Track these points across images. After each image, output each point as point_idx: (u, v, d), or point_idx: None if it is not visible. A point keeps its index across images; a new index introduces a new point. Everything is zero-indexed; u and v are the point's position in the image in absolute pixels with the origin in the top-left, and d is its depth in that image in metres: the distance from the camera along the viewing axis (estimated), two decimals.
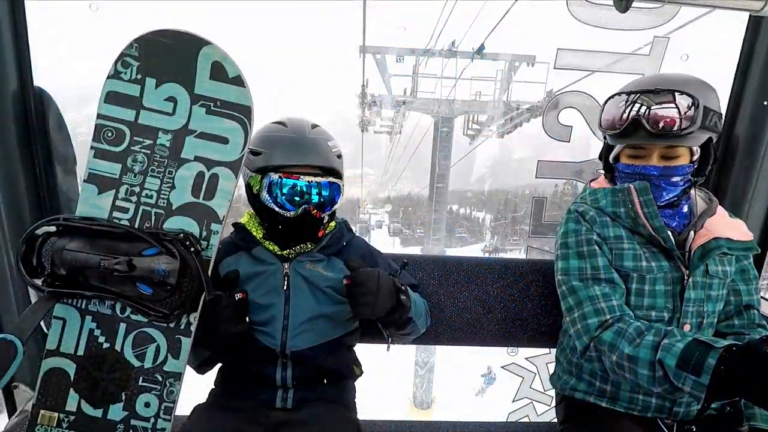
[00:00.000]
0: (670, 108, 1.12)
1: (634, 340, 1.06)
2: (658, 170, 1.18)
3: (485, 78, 11.43)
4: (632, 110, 1.16)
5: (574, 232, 1.26)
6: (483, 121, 12.53)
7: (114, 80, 1.02)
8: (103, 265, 0.93)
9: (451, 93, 11.97)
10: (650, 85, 1.16)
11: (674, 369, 0.95)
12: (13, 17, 1.41)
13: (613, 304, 1.16)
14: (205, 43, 1.00)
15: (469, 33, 11.49)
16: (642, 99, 1.15)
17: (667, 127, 1.12)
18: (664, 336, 1.03)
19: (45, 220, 0.94)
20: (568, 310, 1.23)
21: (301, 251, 1.23)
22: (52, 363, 1.01)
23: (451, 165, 12.82)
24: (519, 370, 1.88)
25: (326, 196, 1.20)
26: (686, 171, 1.18)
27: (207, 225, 1.03)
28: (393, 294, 1.11)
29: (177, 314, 0.99)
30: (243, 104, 1.02)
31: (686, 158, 1.17)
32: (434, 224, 13.61)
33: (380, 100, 12.17)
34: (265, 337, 1.18)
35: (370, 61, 11.04)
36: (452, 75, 11.65)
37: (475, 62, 11.08)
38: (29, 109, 1.51)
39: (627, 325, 1.10)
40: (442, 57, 11.42)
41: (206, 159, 1.03)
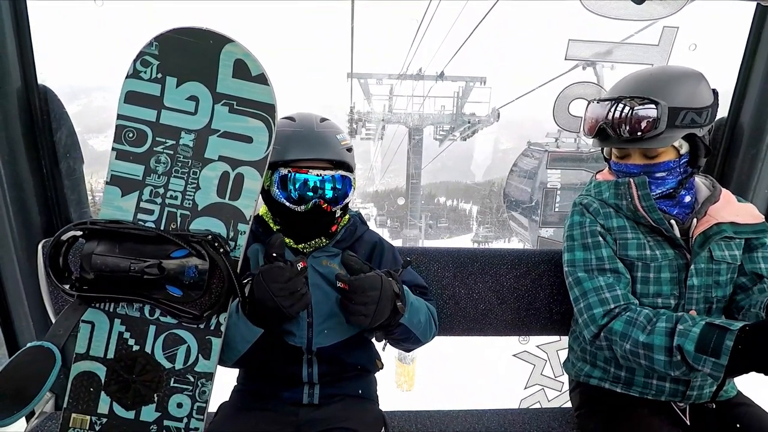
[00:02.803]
0: (634, 115, 1.14)
1: (646, 327, 1.10)
2: (639, 168, 1.22)
3: (446, 96, 15.24)
4: (599, 118, 1.21)
5: (579, 224, 1.31)
6: (447, 129, 15.87)
7: (133, 80, 0.99)
8: (133, 268, 0.92)
9: (420, 108, 15.46)
10: (616, 92, 1.21)
11: (694, 353, 1.00)
12: (15, 15, 1.37)
13: (618, 293, 1.19)
14: (227, 40, 0.98)
15: (433, 62, 15.04)
16: (614, 106, 1.18)
17: (632, 133, 1.16)
18: (676, 322, 1.07)
19: (71, 225, 0.93)
20: (575, 301, 1.27)
21: (317, 246, 1.23)
22: (82, 366, 1.00)
23: (423, 166, 16.11)
24: (530, 357, 1.92)
25: (338, 189, 1.19)
26: (671, 166, 1.20)
27: (234, 225, 1.02)
28: (391, 303, 1.04)
29: (207, 315, 0.99)
30: (267, 102, 1.01)
31: (670, 154, 1.20)
32: (410, 213, 17.26)
33: (364, 117, 15.05)
34: (289, 337, 1.19)
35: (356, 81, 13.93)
36: (421, 94, 15.20)
37: (438, 83, 14.40)
38: (34, 108, 1.48)
39: (636, 314, 1.14)
40: (413, 80, 14.95)
41: (231, 158, 1.02)
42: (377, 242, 1.33)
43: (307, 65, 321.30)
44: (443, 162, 16.98)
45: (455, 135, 15.88)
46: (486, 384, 5.58)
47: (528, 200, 8.15)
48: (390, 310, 1.04)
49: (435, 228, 43.68)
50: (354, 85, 13.90)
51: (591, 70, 1.89)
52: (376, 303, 1.00)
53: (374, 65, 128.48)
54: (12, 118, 1.42)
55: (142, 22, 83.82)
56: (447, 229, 55.18)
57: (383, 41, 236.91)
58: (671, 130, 1.14)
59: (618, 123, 1.17)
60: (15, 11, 1.38)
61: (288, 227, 1.21)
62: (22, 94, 1.44)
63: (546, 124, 8.24)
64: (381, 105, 15.27)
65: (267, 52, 8.13)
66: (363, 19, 48.65)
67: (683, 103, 1.13)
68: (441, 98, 15.54)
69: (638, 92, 1.16)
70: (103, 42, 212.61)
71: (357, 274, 1.04)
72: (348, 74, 13.50)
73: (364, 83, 14.15)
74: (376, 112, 15.14)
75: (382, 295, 1.01)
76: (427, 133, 15.97)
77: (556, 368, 1.92)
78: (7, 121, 1.41)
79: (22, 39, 1.41)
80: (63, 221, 1.57)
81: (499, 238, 41.49)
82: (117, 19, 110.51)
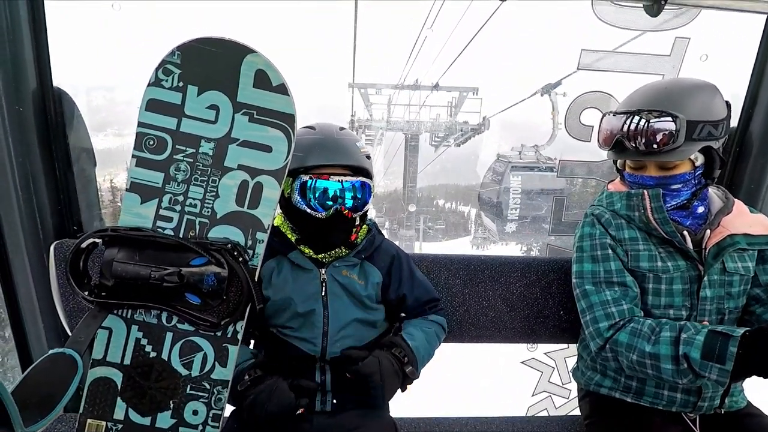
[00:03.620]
0: (651, 128, 1.15)
1: (650, 337, 1.12)
2: (655, 180, 1.22)
3: (441, 105, 16.72)
4: (616, 130, 1.21)
5: (589, 236, 1.31)
6: (442, 136, 16.97)
7: (155, 88, 1.00)
8: (153, 276, 0.92)
9: (417, 116, 16.88)
10: (636, 104, 1.20)
11: (700, 361, 1.03)
12: (32, 17, 1.37)
13: (623, 308, 1.20)
14: (249, 51, 0.99)
15: (429, 72, 15.86)
16: (630, 119, 1.18)
17: (650, 146, 1.16)
18: (680, 330, 1.09)
19: (92, 232, 0.94)
20: (582, 313, 1.28)
21: (337, 256, 1.24)
22: (99, 372, 1.01)
23: (419, 170, 17.79)
24: (538, 364, 1.93)
25: (358, 196, 1.20)
26: (686, 178, 1.20)
27: (252, 234, 1.03)
28: (399, 374, 1.14)
29: (225, 323, 0.99)
30: (287, 113, 1.02)
31: (686, 166, 1.20)
32: (406, 221, 18.86)
33: (364, 124, 16.17)
34: (304, 344, 1.19)
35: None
36: (417, 103, 16.58)
37: (434, 93, 15.61)
38: (49, 109, 1.48)
39: (640, 325, 1.15)
40: (410, 90, 16.11)
41: (250, 167, 1.02)
42: (395, 255, 1.34)
43: (308, 65, 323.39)
44: (442, 164, 17.34)
45: (449, 141, 17.02)
46: (493, 390, 5.59)
47: (495, 202, 11.21)
48: (399, 381, 1.15)
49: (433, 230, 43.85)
50: (353, 93, 15.25)
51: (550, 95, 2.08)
52: (381, 384, 1.10)
53: (375, 64, 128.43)
54: (27, 120, 1.42)
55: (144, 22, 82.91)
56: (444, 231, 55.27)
57: (384, 41, 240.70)
58: (689, 143, 1.15)
59: (635, 136, 1.17)
60: (33, 13, 1.38)
61: (307, 236, 1.22)
62: (38, 96, 1.44)
63: (543, 128, 8.77)
64: (380, 113, 16.73)
65: (268, 52, 8.21)
66: (365, 20, 47.51)
67: (700, 116, 1.14)
68: (436, 107, 16.79)
69: (655, 105, 1.16)
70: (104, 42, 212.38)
71: (357, 363, 1.12)
72: (349, 84, 14.83)
73: (365, 92, 15.59)
74: (376, 119, 16.49)
75: (384, 375, 1.11)
76: (423, 140, 17.56)
77: (564, 376, 1.93)
78: (22, 122, 1.42)
79: (38, 41, 1.41)
80: (75, 223, 1.57)
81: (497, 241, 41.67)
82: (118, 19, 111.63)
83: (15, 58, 1.38)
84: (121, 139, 43.93)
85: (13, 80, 1.38)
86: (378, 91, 15.88)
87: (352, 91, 15.14)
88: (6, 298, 1.48)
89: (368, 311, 1.26)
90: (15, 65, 1.38)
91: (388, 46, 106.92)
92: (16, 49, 1.38)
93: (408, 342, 1.20)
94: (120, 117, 56.81)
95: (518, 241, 19.25)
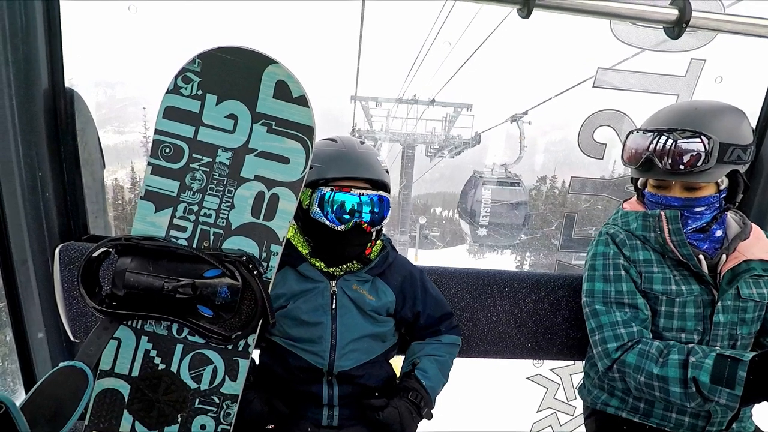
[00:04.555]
0: (684, 148, 1.14)
1: (658, 359, 1.11)
2: (680, 201, 1.21)
3: (437, 120, 18.57)
4: (647, 149, 1.19)
5: (603, 255, 1.29)
6: (437, 147, 18.51)
7: (173, 95, 0.99)
8: (166, 287, 0.91)
9: (414, 129, 18.45)
10: (665, 123, 1.19)
11: (709, 385, 1.02)
12: (47, 16, 1.36)
13: (633, 330, 1.19)
14: (270, 61, 0.98)
15: (426, 89, 18.21)
16: (658, 138, 1.17)
17: (681, 166, 1.14)
18: (688, 354, 1.08)
19: (106, 241, 0.92)
20: (591, 332, 1.27)
21: (349, 270, 1.23)
22: (106, 384, 0.99)
23: (414, 179, 18.64)
24: (543, 380, 1.91)
25: (378, 210, 1.19)
26: (711, 201, 1.19)
27: (267, 246, 1.01)
28: (417, 419, 1.20)
29: (237, 337, 0.98)
30: (306, 124, 1.01)
31: (711, 189, 1.19)
32: (401, 221, 19.46)
33: (364, 135, 17.43)
34: (311, 357, 1.18)
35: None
36: (414, 116, 18.26)
37: (430, 107, 17.07)
38: (59, 110, 1.46)
39: (648, 347, 1.14)
40: (408, 104, 17.67)
41: (267, 179, 1.01)
42: (407, 273, 1.33)
43: (313, 73, 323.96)
44: (441, 172, 17.92)
45: (444, 153, 18.54)
46: (498, 405, 5.58)
47: (469, 209, 14.08)
48: (417, 425, 1.21)
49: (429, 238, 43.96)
50: (356, 106, 16.68)
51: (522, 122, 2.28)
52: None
53: (376, 78, 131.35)
54: (38, 120, 1.40)
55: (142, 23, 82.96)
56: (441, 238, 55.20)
57: (386, 57, 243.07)
58: (719, 165, 1.13)
59: (665, 154, 1.16)
60: (48, 12, 1.36)
61: (323, 248, 1.20)
62: (49, 96, 1.43)
63: (540, 139, 10.01)
64: (378, 124, 18.63)
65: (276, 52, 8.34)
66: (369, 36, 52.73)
67: (730, 139, 1.13)
68: (432, 121, 18.79)
69: (688, 125, 1.15)
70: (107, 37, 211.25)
71: (377, 411, 1.16)
72: (352, 97, 16.29)
73: (366, 105, 17.15)
74: (375, 130, 18.18)
75: (404, 424, 1.16)
76: (419, 151, 19.03)
77: (570, 392, 1.92)
78: (33, 123, 1.40)
79: (53, 41, 1.39)
80: (81, 227, 1.55)
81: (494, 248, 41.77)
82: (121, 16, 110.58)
83: (27, 57, 1.36)
84: (120, 136, 43.77)
85: (24, 79, 1.36)
86: (378, 104, 17.54)
87: (354, 104, 16.55)
88: (8, 301, 1.45)
89: (377, 325, 1.24)
90: (27, 64, 1.36)
91: (390, 62, 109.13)
92: (30, 47, 1.36)
93: (423, 383, 1.22)
94: (120, 114, 56.67)
95: (488, 243, 20.55)
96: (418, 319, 1.32)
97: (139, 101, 67.11)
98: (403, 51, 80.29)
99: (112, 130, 42.64)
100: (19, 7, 1.31)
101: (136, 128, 46.11)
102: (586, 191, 1.74)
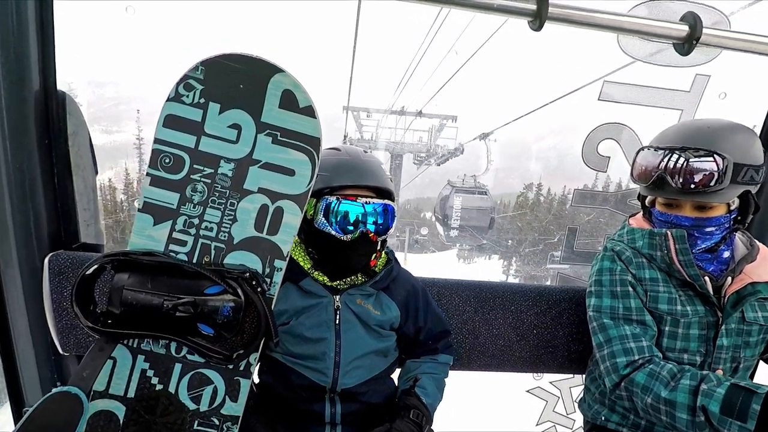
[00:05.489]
0: (699, 167, 1.12)
1: (669, 383, 1.08)
2: (690, 221, 1.19)
3: (423, 130, 20.03)
4: (660, 167, 1.17)
5: (609, 270, 1.27)
6: (423, 156, 20.05)
7: (174, 103, 0.95)
8: (166, 306, 0.86)
9: (402, 138, 19.86)
10: (678, 141, 1.17)
11: (719, 415, 0.98)
12: (40, 17, 1.31)
13: (643, 345, 1.17)
14: (277, 69, 0.94)
15: (414, 100, 18.86)
16: (671, 156, 1.15)
17: (695, 185, 1.13)
18: (700, 380, 1.05)
19: (102, 256, 0.87)
20: (599, 346, 1.24)
21: (353, 283, 1.19)
22: (100, 405, 0.94)
23: (403, 185, 20.53)
24: (543, 393, 1.90)
25: (384, 219, 1.17)
26: (721, 221, 1.18)
27: (270, 261, 0.97)
28: None
29: (239, 356, 0.94)
30: (312, 135, 0.97)
31: (722, 209, 1.18)
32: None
33: (355, 144, 17.46)
34: (314, 374, 1.14)
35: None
36: (402, 126, 19.82)
37: (417, 119, 18.47)
38: (51, 113, 1.41)
39: (659, 368, 1.11)
40: (396, 115, 19.24)
41: (271, 191, 0.97)
42: (411, 287, 1.31)
43: (303, 68, 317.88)
44: (431, 177, 18.19)
45: (430, 161, 20.08)
46: (497, 418, 5.56)
47: (444, 214, 16.46)
48: None
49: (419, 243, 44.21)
50: (347, 116, 17.85)
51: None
52: None
53: (367, 89, 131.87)
54: (29, 124, 1.35)
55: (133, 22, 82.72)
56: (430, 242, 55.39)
57: (378, 69, 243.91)
58: (733, 185, 1.12)
59: (677, 173, 1.14)
60: (41, 14, 1.31)
61: (327, 260, 1.17)
62: (41, 99, 1.37)
63: (533, 146, 10.25)
64: (368, 134, 19.96)
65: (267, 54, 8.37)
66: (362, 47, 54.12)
67: (744, 159, 1.12)
68: (419, 131, 20.39)
69: (702, 144, 1.13)
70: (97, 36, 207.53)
71: None
72: (344, 107, 17.53)
73: (357, 115, 18.49)
74: (365, 140, 19.40)
75: None
76: (407, 159, 20.41)
77: (569, 405, 1.90)
78: (24, 126, 1.34)
79: (45, 42, 1.34)
80: (72, 235, 1.49)
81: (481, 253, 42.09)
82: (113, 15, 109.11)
83: (19, 58, 1.31)
84: (108, 135, 43.16)
85: (16, 81, 1.31)
86: (368, 115, 18.97)
87: (346, 114, 17.74)
88: None
89: (381, 340, 1.22)
90: (18, 65, 1.31)
91: (380, 75, 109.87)
92: (21, 48, 1.30)
93: (423, 400, 1.20)
94: (109, 113, 55.81)
95: (458, 243, 22.78)
96: (419, 335, 1.30)
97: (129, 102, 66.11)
98: (393, 64, 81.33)
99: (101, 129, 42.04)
100: (11, 8, 1.26)
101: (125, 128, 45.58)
102: (588, 204, 1.73)
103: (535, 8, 1.14)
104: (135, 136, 24.54)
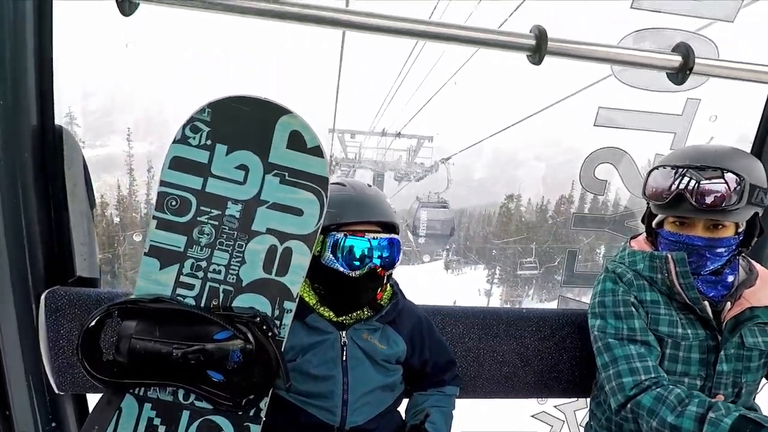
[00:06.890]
0: (717, 185, 1.13)
1: (676, 408, 1.07)
2: (703, 241, 1.18)
3: (402, 149, 21.92)
4: (678, 184, 1.17)
5: (611, 291, 1.27)
6: (403, 173, 22.03)
7: (181, 145, 0.94)
8: (176, 354, 0.85)
9: (383, 157, 22.00)
10: (697, 160, 1.17)
11: None
12: (39, 49, 1.29)
13: (648, 365, 1.16)
14: (285, 111, 0.94)
15: (393, 123, 21.20)
16: (689, 173, 1.16)
17: (713, 204, 1.13)
18: (708, 408, 1.04)
19: (109, 305, 0.85)
20: (604, 367, 1.23)
21: (359, 318, 1.18)
22: None
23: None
24: (548, 418, 1.89)
25: (387, 254, 1.16)
26: (731, 243, 1.18)
27: (280, 303, 0.96)
28: None
29: (249, 402, 0.92)
30: (320, 175, 0.97)
31: (732, 230, 1.19)
32: None
33: (340, 162, 20.79)
34: (322, 413, 1.12)
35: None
36: (383, 146, 22.08)
37: (397, 139, 20.51)
38: (47, 149, 1.38)
39: (667, 392, 1.10)
40: (378, 136, 21.53)
41: (279, 232, 0.97)
42: (417, 319, 1.30)
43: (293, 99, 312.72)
44: (416, 189, 18.90)
45: (410, 178, 22.18)
46: None
47: (413, 224, 19.42)
48: None
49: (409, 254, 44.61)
50: (333, 137, 19.37)
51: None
52: None
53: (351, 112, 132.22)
54: (25, 158, 1.32)
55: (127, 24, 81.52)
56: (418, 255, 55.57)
57: (362, 93, 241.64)
58: (747, 206, 1.13)
59: (695, 190, 1.14)
60: (40, 44, 1.30)
61: (334, 295, 1.16)
62: (38, 134, 1.35)
63: (520, 154, 10.42)
64: (352, 154, 21.50)
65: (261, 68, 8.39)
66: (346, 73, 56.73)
67: (757, 181, 1.14)
68: (398, 151, 22.30)
69: (718, 163, 1.14)
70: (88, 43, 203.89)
71: None
72: (330, 129, 18.68)
73: (342, 137, 20.00)
74: (349, 159, 21.29)
75: None
76: (388, 176, 22.30)
77: (573, 429, 1.90)
78: (20, 161, 1.31)
79: (44, 76, 1.32)
80: (68, 270, 1.46)
81: (469, 263, 42.38)
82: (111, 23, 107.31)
83: (15, 92, 1.29)
84: (91, 150, 42.56)
85: (11, 116, 1.29)
86: (352, 136, 20.83)
87: (332, 136, 19.18)
88: None
89: (388, 375, 1.21)
90: (15, 99, 1.29)
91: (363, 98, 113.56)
92: (19, 82, 1.29)
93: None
94: (92, 126, 55.11)
95: (426, 250, 26.43)
96: (425, 367, 1.29)
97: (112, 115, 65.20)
98: (375, 88, 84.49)
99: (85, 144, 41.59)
100: (9, 43, 1.24)
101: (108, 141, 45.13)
102: (588, 226, 1.75)
103: (535, 43, 1.16)
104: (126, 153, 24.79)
